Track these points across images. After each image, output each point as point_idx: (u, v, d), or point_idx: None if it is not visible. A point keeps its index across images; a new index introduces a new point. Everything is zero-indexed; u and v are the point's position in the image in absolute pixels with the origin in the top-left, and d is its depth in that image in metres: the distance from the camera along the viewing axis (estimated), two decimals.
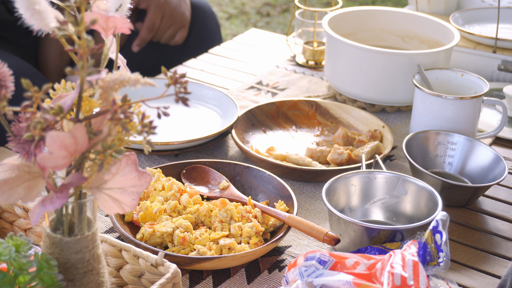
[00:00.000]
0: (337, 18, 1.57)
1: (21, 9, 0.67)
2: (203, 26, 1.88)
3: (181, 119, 1.39)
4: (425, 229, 0.93)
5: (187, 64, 1.70)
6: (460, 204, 1.16)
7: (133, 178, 0.71)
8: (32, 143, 0.67)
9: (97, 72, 0.64)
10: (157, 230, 1.00)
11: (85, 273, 0.76)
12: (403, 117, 1.47)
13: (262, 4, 4.40)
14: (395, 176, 1.09)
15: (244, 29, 3.96)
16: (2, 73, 0.69)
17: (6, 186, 0.68)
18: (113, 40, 0.77)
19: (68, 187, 0.67)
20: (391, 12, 1.64)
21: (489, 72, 1.60)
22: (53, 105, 0.66)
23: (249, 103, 1.50)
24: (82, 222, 0.75)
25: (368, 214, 1.10)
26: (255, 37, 1.90)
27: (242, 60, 1.74)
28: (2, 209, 0.96)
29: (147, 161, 1.27)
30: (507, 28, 1.68)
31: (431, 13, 1.75)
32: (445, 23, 1.55)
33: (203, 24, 1.88)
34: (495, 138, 1.39)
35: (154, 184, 1.10)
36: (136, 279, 0.87)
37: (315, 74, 1.66)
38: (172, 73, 0.68)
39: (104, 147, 0.66)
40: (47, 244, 0.75)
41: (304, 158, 1.25)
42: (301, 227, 1.01)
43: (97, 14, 0.70)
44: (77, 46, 0.64)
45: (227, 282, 0.98)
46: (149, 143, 0.69)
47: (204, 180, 1.15)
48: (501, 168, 1.16)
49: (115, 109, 0.65)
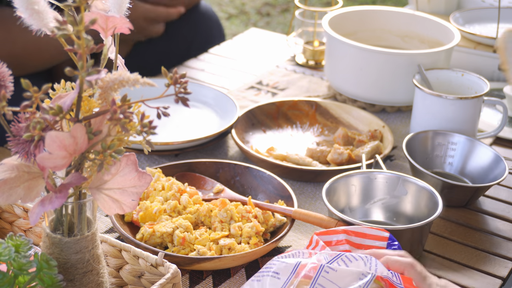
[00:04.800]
0: (337, 18, 1.57)
1: (20, 9, 0.66)
2: (208, 33, 1.87)
3: (181, 119, 1.39)
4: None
5: (187, 64, 1.70)
6: (461, 204, 1.16)
7: (133, 179, 0.71)
8: (31, 143, 0.67)
9: (96, 72, 0.64)
10: (157, 230, 1.00)
11: (85, 273, 0.76)
12: (403, 117, 1.47)
13: (262, 4, 4.40)
14: (395, 176, 1.09)
15: (244, 29, 3.96)
16: (1, 73, 0.69)
17: (5, 186, 0.67)
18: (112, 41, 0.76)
19: (68, 187, 0.67)
20: (391, 12, 1.64)
21: (489, 72, 1.60)
22: (52, 105, 0.66)
23: (249, 103, 1.49)
24: (82, 222, 0.75)
25: (368, 214, 1.10)
26: (255, 37, 1.90)
27: (242, 60, 1.74)
28: (2, 209, 0.96)
29: (147, 161, 1.27)
30: None
31: (432, 12, 1.75)
32: (445, 23, 1.55)
33: (208, 31, 1.87)
34: (495, 138, 1.39)
35: (154, 184, 1.10)
36: (136, 280, 0.87)
37: (315, 74, 1.66)
38: (172, 73, 0.68)
39: (104, 147, 0.66)
40: (47, 244, 0.75)
41: (304, 158, 1.25)
42: (310, 219, 1.01)
43: (97, 14, 0.70)
44: (77, 46, 0.64)
45: (227, 282, 0.98)
46: (149, 143, 0.69)
47: (196, 185, 1.15)
48: (502, 168, 1.16)
49: (114, 109, 0.65)
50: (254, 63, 1.72)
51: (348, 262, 0.79)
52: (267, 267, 0.78)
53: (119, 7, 0.73)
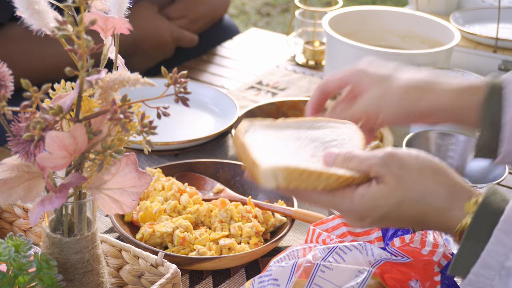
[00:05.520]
0: (337, 18, 1.57)
1: (21, 9, 0.66)
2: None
3: (181, 119, 1.39)
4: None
5: (187, 64, 1.70)
6: None
7: (133, 179, 0.71)
8: (31, 143, 0.67)
9: (96, 72, 0.64)
10: (157, 230, 1.00)
11: (84, 273, 0.76)
12: None
13: (262, 4, 4.40)
14: None
15: (244, 29, 3.96)
16: (1, 73, 0.69)
17: (5, 186, 0.67)
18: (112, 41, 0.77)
19: (68, 187, 0.67)
20: (391, 12, 1.64)
21: (489, 72, 1.60)
22: (52, 105, 0.66)
23: (249, 103, 1.49)
24: (82, 222, 0.75)
25: None
26: (255, 37, 1.90)
27: (242, 60, 1.74)
28: (2, 209, 0.96)
29: (147, 161, 1.27)
30: (508, 28, 1.68)
31: (432, 12, 1.75)
32: (445, 23, 1.55)
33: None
34: None
35: (154, 184, 1.10)
36: (136, 279, 0.87)
37: (315, 74, 1.66)
38: (172, 73, 0.68)
39: (104, 147, 0.66)
40: (47, 244, 0.75)
41: None
42: (310, 219, 1.01)
43: (96, 14, 0.70)
44: (77, 46, 0.64)
45: (227, 282, 0.98)
46: (149, 143, 0.69)
47: (196, 185, 1.14)
48: (501, 168, 1.16)
49: (114, 109, 0.65)
50: (254, 63, 1.72)
51: (343, 254, 0.78)
52: (266, 274, 0.78)
53: (119, 7, 0.73)
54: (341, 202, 0.73)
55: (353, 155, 0.74)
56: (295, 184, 0.72)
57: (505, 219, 0.67)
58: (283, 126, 0.82)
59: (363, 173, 0.74)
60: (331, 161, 0.75)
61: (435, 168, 0.72)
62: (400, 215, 0.72)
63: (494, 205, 0.69)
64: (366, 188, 0.73)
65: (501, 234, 0.67)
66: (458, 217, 0.70)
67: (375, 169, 0.72)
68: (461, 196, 0.71)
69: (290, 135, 0.81)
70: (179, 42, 1.73)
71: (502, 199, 0.69)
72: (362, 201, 0.72)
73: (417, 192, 0.71)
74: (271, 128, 0.81)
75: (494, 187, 0.71)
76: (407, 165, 0.72)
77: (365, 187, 0.73)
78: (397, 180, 0.71)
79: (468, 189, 0.72)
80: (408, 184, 0.71)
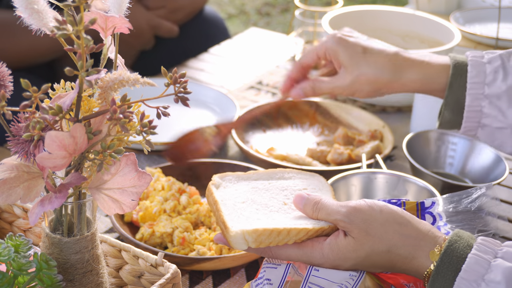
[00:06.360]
0: (337, 18, 1.57)
1: (20, 8, 0.66)
2: (214, 37, 1.87)
3: (181, 119, 1.39)
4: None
5: (187, 64, 1.70)
6: None
7: (133, 179, 0.70)
8: (31, 143, 0.66)
9: (96, 71, 0.64)
10: (157, 231, 1.00)
11: (84, 273, 0.76)
12: (403, 117, 1.47)
13: (262, 4, 4.39)
14: (395, 176, 1.09)
15: (244, 29, 3.95)
16: (1, 73, 0.69)
17: (5, 186, 0.67)
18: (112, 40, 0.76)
19: (67, 187, 0.67)
20: (391, 12, 1.64)
21: None
22: (52, 105, 0.66)
23: (249, 103, 1.49)
24: (82, 222, 0.75)
25: None
26: (255, 37, 1.89)
27: (242, 60, 1.74)
28: (2, 209, 0.96)
29: (147, 161, 1.27)
30: (508, 28, 1.68)
31: (432, 12, 1.75)
32: (445, 22, 1.55)
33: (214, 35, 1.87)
34: None
35: (153, 184, 1.10)
36: (135, 280, 0.87)
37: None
38: (172, 73, 0.68)
39: (104, 147, 0.66)
40: (47, 244, 0.75)
41: (304, 158, 1.24)
42: None
43: (96, 13, 0.70)
44: (76, 46, 0.64)
45: (227, 282, 0.97)
46: (149, 143, 0.69)
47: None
48: (502, 168, 1.16)
49: (114, 109, 0.65)
50: (254, 63, 1.72)
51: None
52: (260, 277, 0.78)
53: (119, 7, 0.73)
54: (312, 256, 0.76)
55: (321, 206, 0.77)
56: (266, 244, 0.76)
57: (465, 268, 0.70)
58: (254, 177, 0.86)
59: (331, 224, 0.77)
60: (301, 205, 0.79)
61: (399, 221, 0.75)
62: (370, 264, 0.76)
63: (457, 252, 0.72)
64: (334, 239, 0.76)
65: (462, 282, 0.70)
66: (424, 264, 0.74)
67: (341, 224, 0.76)
68: (425, 245, 0.74)
69: (261, 186, 0.85)
70: (157, 31, 1.74)
71: (466, 244, 0.72)
72: (332, 253, 0.75)
73: (384, 244, 0.74)
74: (242, 180, 0.85)
75: (460, 232, 0.74)
76: (371, 219, 0.75)
77: (333, 239, 0.76)
78: (364, 233, 0.74)
79: (432, 237, 0.75)
80: (374, 238, 0.74)
